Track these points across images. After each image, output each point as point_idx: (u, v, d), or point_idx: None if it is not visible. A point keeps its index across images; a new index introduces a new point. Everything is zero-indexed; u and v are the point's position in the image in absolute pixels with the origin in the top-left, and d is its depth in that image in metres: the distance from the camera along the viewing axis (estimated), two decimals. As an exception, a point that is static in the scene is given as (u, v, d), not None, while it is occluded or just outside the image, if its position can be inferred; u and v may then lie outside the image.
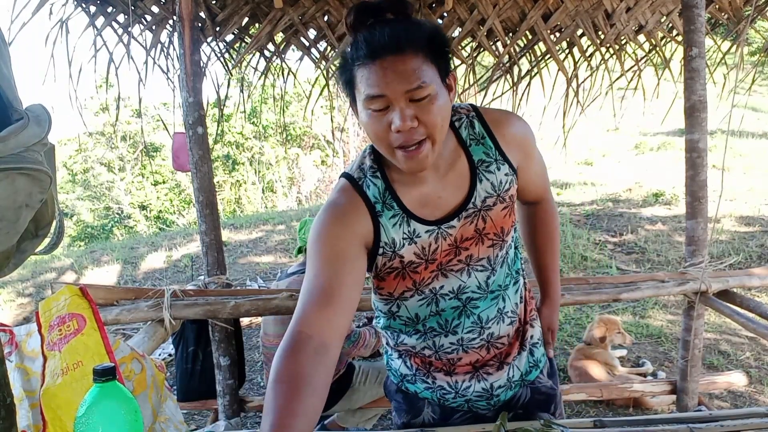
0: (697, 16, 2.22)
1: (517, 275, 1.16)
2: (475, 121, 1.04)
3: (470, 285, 1.08)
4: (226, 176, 15.01)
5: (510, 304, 1.13)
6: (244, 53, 2.82)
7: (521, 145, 1.07)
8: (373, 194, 1.01)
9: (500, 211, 1.05)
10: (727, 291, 2.26)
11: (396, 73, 0.86)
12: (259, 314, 2.16)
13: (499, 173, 1.04)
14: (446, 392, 1.18)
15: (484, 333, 1.11)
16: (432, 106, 0.88)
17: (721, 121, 1.99)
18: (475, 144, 1.03)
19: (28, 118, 0.64)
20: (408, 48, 0.86)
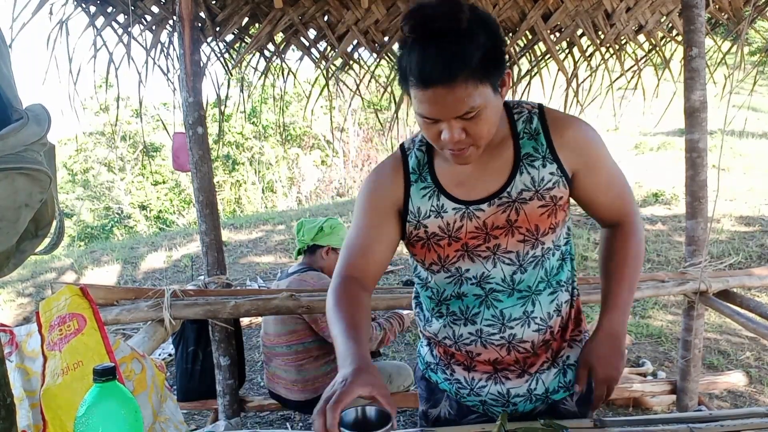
0: (697, 16, 2.22)
1: (558, 286, 1.10)
2: (535, 117, 1.05)
3: (495, 276, 1.08)
4: (226, 176, 15.01)
5: (541, 311, 1.09)
6: (244, 53, 2.82)
7: (580, 151, 1.03)
8: (412, 165, 1.10)
9: (536, 208, 1.03)
10: (727, 291, 2.26)
11: (446, 104, 0.89)
12: (259, 314, 2.16)
13: (544, 170, 1.03)
14: (462, 387, 1.18)
15: (505, 331, 1.09)
16: (480, 120, 0.92)
17: (728, 124, 1.99)
18: (527, 138, 1.04)
19: (28, 118, 0.64)
20: (459, 76, 0.86)
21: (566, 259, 1.13)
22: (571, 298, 1.15)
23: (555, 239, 1.08)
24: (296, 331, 2.19)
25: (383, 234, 1.10)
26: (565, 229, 1.12)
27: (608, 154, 1.07)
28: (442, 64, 0.86)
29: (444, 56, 0.86)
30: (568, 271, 1.13)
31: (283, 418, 2.91)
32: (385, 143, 12.28)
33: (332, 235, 2.28)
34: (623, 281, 1.11)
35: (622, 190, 1.11)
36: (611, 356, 1.08)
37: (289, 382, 2.24)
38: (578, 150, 1.03)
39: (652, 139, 10.39)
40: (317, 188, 14.77)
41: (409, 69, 0.90)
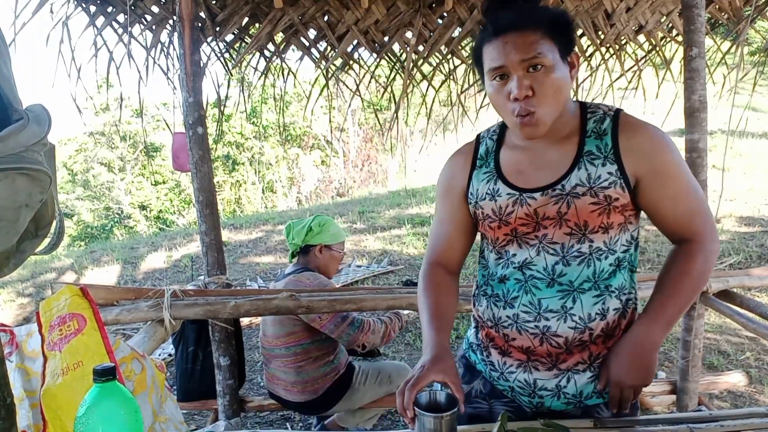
0: (697, 16, 2.22)
1: (607, 291, 1.08)
2: (608, 118, 1.07)
3: (537, 264, 1.10)
4: (226, 176, 15.02)
5: (581, 309, 1.08)
6: (244, 53, 2.82)
7: (647, 158, 1.03)
8: (482, 152, 1.18)
9: (588, 204, 1.03)
10: (727, 291, 2.26)
11: (515, 45, 0.98)
12: (259, 314, 2.15)
13: (602, 169, 1.04)
14: (494, 370, 1.21)
15: (540, 321, 1.10)
16: (547, 78, 0.98)
17: (732, 124, 1.99)
18: (594, 137, 1.06)
19: (28, 118, 0.64)
20: (529, 25, 0.98)
21: (623, 267, 1.10)
22: (623, 308, 1.12)
23: (608, 241, 1.06)
24: (294, 332, 2.19)
25: (459, 221, 1.21)
26: (627, 237, 1.09)
27: (682, 168, 1.05)
28: (515, 16, 0.99)
29: (517, 11, 1.00)
30: (624, 279, 1.10)
31: (283, 418, 2.91)
32: (385, 143, 12.30)
33: (322, 233, 2.28)
34: (674, 297, 1.06)
35: (695, 207, 1.07)
36: (632, 363, 1.05)
37: (288, 384, 2.24)
38: (645, 156, 1.03)
39: (652, 139, 10.38)
40: (317, 188, 14.78)
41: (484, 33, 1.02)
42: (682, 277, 1.07)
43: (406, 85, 3.00)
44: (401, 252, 5.97)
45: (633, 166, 1.04)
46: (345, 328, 2.12)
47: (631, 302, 1.14)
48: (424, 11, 2.66)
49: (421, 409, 0.94)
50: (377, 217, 7.51)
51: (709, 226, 1.09)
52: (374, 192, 11.41)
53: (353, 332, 2.13)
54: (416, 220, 7.09)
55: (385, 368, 2.42)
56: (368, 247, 6.20)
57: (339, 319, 2.12)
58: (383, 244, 6.26)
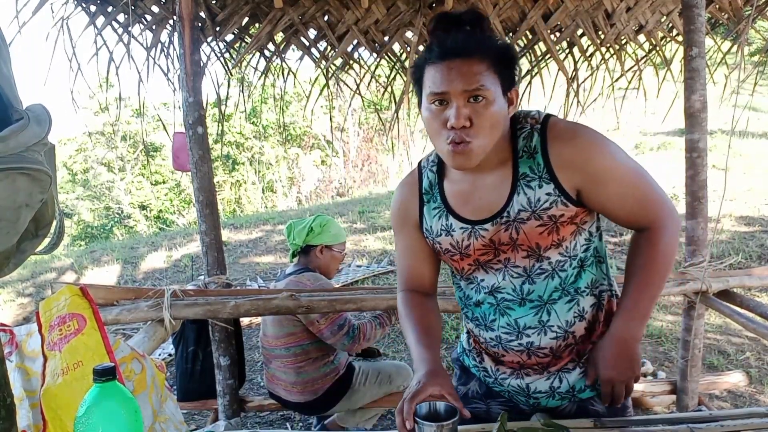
0: (697, 16, 2.22)
1: (577, 294, 1.10)
2: (536, 134, 1.04)
3: (505, 287, 1.12)
4: (226, 176, 15.02)
5: (558, 319, 1.10)
6: (244, 53, 2.82)
7: (581, 169, 1.02)
8: (425, 186, 1.17)
9: (534, 228, 1.04)
10: (727, 291, 2.26)
11: (460, 73, 0.96)
12: (259, 314, 2.15)
13: (540, 191, 1.03)
14: (488, 376, 1.24)
15: (522, 338, 1.13)
16: (486, 110, 0.97)
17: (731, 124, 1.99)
18: (526, 157, 1.05)
19: (29, 118, 0.64)
20: (476, 54, 0.96)
21: (588, 264, 1.11)
22: (598, 301, 1.14)
23: (565, 252, 1.08)
24: (294, 333, 2.19)
25: (420, 251, 1.21)
26: (584, 236, 1.09)
27: (619, 164, 1.04)
28: (464, 42, 0.97)
29: (465, 37, 0.98)
30: (591, 274, 1.12)
31: (283, 418, 2.91)
32: (385, 143, 12.25)
33: (323, 233, 2.28)
34: (646, 288, 1.09)
35: (643, 196, 1.07)
36: (617, 360, 1.08)
37: (288, 384, 2.24)
38: (578, 168, 1.02)
39: (652, 139, 10.39)
40: (317, 188, 14.78)
41: (428, 54, 0.99)
42: (648, 266, 1.09)
43: (407, 85, 3.00)
44: (401, 252, 5.96)
45: (570, 180, 1.02)
46: (341, 338, 2.14)
47: (606, 292, 1.16)
48: (424, 11, 2.65)
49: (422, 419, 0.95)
50: (377, 217, 7.51)
51: (665, 208, 1.08)
52: (374, 192, 11.41)
53: (348, 342, 2.15)
54: (416, 220, 7.08)
55: (385, 368, 2.42)
56: (368, 247, 6.20)
57: (336, 328, 2.13)
58: (383, 244, 6.26)
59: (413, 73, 1.05)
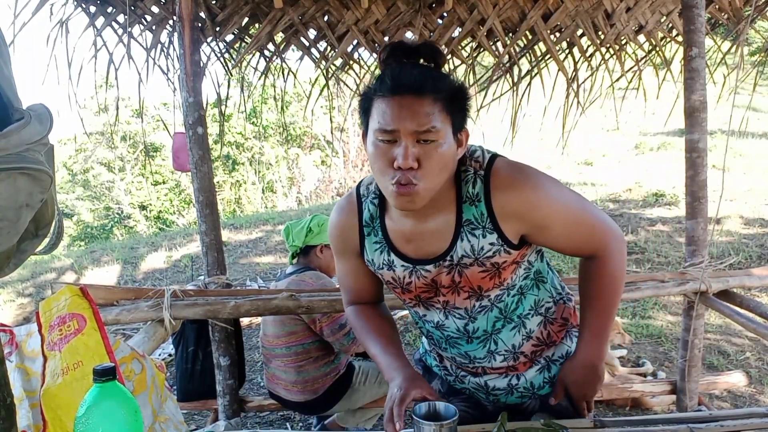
0: (697, 16, 2.21)
1: (520, 319, 1.13)
2: (479, 181, 1.02)
3: (449, 326, 1.14)
4: (226, 176, 15.02)
5: (504, 344, 1.15)
6: (244, 53, 2.82)
7: (523, 217, 1.01)
8: (366, 216, 1.13)
9: (477, 273, 1.05)
10: (727, 291, 2.26)
11: (411, 112, 0.90)
12: (259, 314, 2.15)
13: (483, 240, 1.02)
14: (448, 374, 1.28)
15: (475, 363, 1.18)
16: (435, 152, 0.93)
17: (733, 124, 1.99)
18: (469, 204, 1.03)
19: (30, 117, 0.64)
20: (429, 93, 0.91)
21: (528, 289, 1.13)
22: (545, 318, 1.17)
23: (504, 286, 1.09)
24: (295, 332, 2.19)
25: (363, 273, 1.20)
26: (524, 266, 1.10)
27: (562, 206, 1.03)
28: (417, 77, 0.92)
29: (418, 73, 0.93)
30: (533, 296, 1.14)
31: (283, 418, 2.91)
32: (385, 143, 12.20)
33: (322, 232, 2.28)
34: (599, 312, 1.13)
35: (587, 230, 1.07)
36: (586, 382, 1.15)
37: (288, 383, 2.24)
38: (522, 216, 1.01)
39: (652, 139, 10.39)
40: (317, 188, 14.77)
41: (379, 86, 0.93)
42: (601, 293, 1.12)
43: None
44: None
45: (513, 229, 1.03)
46: (341, 337, 2.14)
47: (553, 308, 1.18)
48: (424, 11, 2.65)
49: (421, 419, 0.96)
50: (377, 217, 7.50)
51: (609, 234, 1.08)
52: (374, 192, 11.37)
53: (347, 342, 2.15)
54: (416, 220, 7.08)
55: (385, 368, 2.42)
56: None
57: (337, 327, 2.13)
58: (383, 244, 6.25)
59: (361, 103, 0.99)
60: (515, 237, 1.03)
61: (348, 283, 1.24)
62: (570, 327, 1.23)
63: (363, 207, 1.13)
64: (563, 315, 1.20)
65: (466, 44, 3.06)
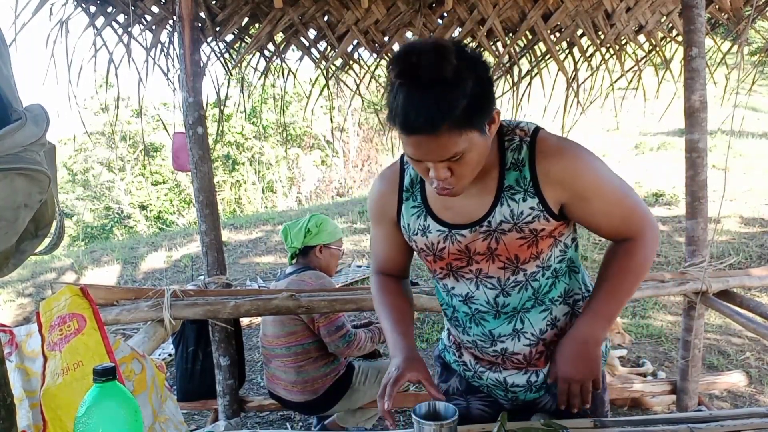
0: (697, 16, 2.22)
1: (552, 303, 1.13)
2: (524, 146, 1.03)
3: (479, 298, 1.13)
4: (226, 176, 15.02)
5: (531, 327, 1.13)
6: (244, 53, 2.82)
7: (567, 184, 1.02)
8: (406, 183, 1.15)
9: (515, 240, 1.05)
10: (727, 291, 2.26)
11: (429, 150, 0.91)
12: (259, 314, 2.16)
13: (524, 204, 1.03)
14: (467, 369, 1.27)
15: (496, 345, 1.16)
16: (465, 162, 0.94)
17: (723, 123, 1.99)
18: (513, 169, 1.04)
19: (26, 118, 0.64)
20: (442, 126, 0.87)
21: (562, 274, 1.13)
22: (572, 309, 1.16)
23: (541, 263, 1.09)
24: (295, 332, 2.19)
25: (396, 243, 1.22)
26: (560, 248, 1.11)
27: (606, 181, 1.04)
28: (425, 114, 0.87)
29: (427, 106, 0.87)
30: (565, 284, 1.14)
31: (283, 418, 2.91)
32: (385, 143, 12.22)
33: (320, 232, 2.28)
34: (615, 293, 1.10)
35: (628, 212, 1.07)
36: (576, 358, 1.09)
37: (288, 383, 2.24)
38: (565, 184, 1.02)
39: (652, 139, 10.39)
40: (317, 188, 14.77)
41: (395, 113, 0.91)
42: (622, 274, 1.10)
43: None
44: (401, 252, 5.96)
45: (555, 195, 1.03)
46: (337, 339, 2.14)
47: (580, 300, 1.18)
48: (424, 11, 2.65)
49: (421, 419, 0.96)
50: (377, 217, 7.50)
51: (648, 223, 1.08)
52: (374, 192, 11.37)
53: (342, 345, 2.15)
54: (416, 220, 7.08)
55: (384, 368, 2.42)
56: (368, 248, 6.20)
57: (334, 328, 2.13)
58: (383, 244, 6.25)
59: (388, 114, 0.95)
60: (556, 205, 1.03)
61: (378, 251, 1.26)
62: None
63: (405, 174, 1.15)
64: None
65: (466, 44, 3.05)
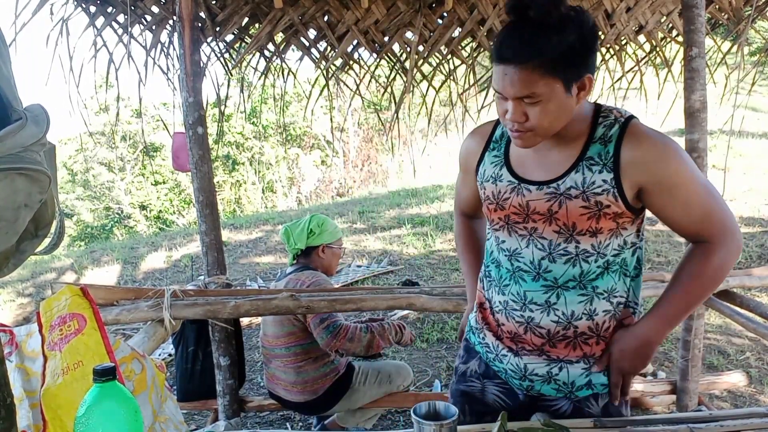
0: (697, 16, 2.21)
1: (594, 293, 1.11)
2: (617, 125, 1.06)
3: (525, 256, 1.14)
4: (226, 176, 15.02)
5: (565, 306, 1.12)
6: (244, 53, 2.82)
7: (650, 169, 1.02)
8: (497, 135, 1.23)
9: (578, 207, 1.06)
10: (727, 291, 2.26)
11: (512, 81, 0.98)
12: (259, 314, 2.15)
13: (598, 176, 1.05)
14: (489, 351, 1.27)
15: (525, 311, 1.15)
16: (539, 109, 0.99)
17: (725, 124, 1.99)
18: (599, 143, 1.07)
19: (26, 118, 0.64)
20: (529, 61, 0.95)
21: (613, 270, 1.12)
22: (613, 310, 1.14)
23: (596, 244, 1.08)
24: (294, 332, 2.19)
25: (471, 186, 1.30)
26: (619, 241, 1.10)
27: (691, 174, 1.04)
28: (519, 46, 0.96)
29: (523, 40, 0.96)
30: (614, 282, 1.12)
31: (283, 418, 2.91)
32: (385, 143, 12.24)
33: (322, 233, 2.27)
34: (685, 295, 1.09)
35: (709, 210, 1.06)
36: (635, 355, 1.11)
37: (288, 384, 2.24)
38: (647, 168, 1.02)
39: (652, 139, 10.37)
40: (317, 188, 14.77)
41: (495, 43, 1.01)
42: (694, 278, 1.09)
43: (409, 86, 3.00)
44: (401, 252, 5.96)
45: (632, 177, 1.03)
46: (321, 331, 2.08)
47: (623, 305, 1.15)
48: (424, 11, 2.65)
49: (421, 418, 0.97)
50: (377, 217, 7.51)
51: (728, 226, 1.07)
52: (374, 192, 11.40)
53: (326, 336, 2.07)
54: (416, 220, 7.08)
55: (384, 368, 2.42)
56: (368, 247, 6.20)
57: (318, 320, 2.08)
58: (383, 244, 6.25)
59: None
60: (632, 188, 1.04)
61: (459, 190, 1.39)
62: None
63: (498, 128, 1.23)
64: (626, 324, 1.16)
65: (466, 44, 3.06)
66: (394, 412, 2.88)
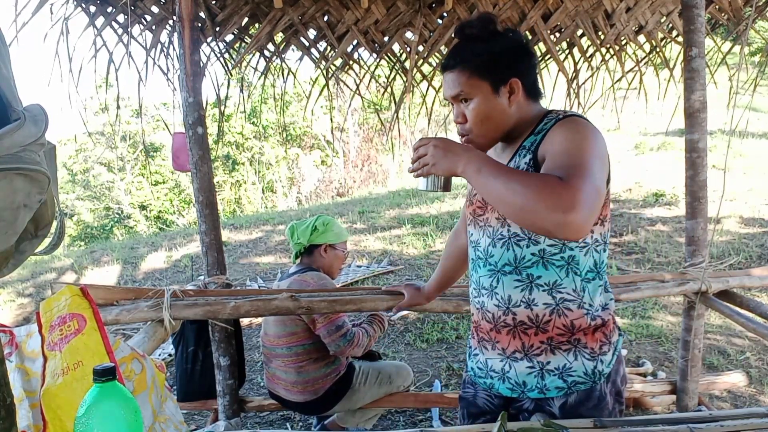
0: (697, 17, 2.21)
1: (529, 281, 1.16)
2: (554, 120, 1.14)
3: (480, 245, 1.25)
4: (226, 176, 15.03)
5: (503, 290, 1.20)
6: (244, 53, 2.82)
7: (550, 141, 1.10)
8: None
9: None
10: (727, 291, 2.26)
11: (447, 84, 1.18)
12: (259, 315, 2.15)
13: (522, 159, 1.15)
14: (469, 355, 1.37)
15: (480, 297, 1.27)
16: (473, 109, 1.15)
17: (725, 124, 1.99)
18: (534, 135, 1.16)
19: (25, 118, 0.64)
20: (456, 66, 1.15)
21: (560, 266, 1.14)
22: (555, 305, 1.15)
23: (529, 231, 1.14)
24: (296, 332, 2.19)
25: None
26: None
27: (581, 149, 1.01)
28: (454, 56, 1.16)
29: (458, 51, 1.16)
30: (560, 279, 1.15)
31: (283, 418, 2.91)
32: (385, 143, 12.23)
33: (327, 232, 2.28)
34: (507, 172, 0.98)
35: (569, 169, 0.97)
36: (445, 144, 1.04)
37: (288, 384, 2.24)
38: (549, 140, 1.10)
39: (652, 139, 10.39)
40: (317, 188, 14.78)
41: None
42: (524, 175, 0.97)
43: (409, 86, 3.00)
44: (401, 252, 5.96)
45: (541, 152, 1.11)
46: (337, 338, 2.13)
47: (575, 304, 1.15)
48: (424, 11, 2.65)
49: None
50: (377, 217, 7.51)
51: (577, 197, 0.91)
52: (374, 192, 11.40)
53: (343, 344, 2.13)
54: (416, 220, 7.09)
55: (385, 368, 2.42)
56: (368, 247, 6.20)
57: (334, 328, 2.12)
58: (383, 244, 6.26)
59: None
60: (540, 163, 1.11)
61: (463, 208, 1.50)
62: (578, 344, 1.17)
63: None
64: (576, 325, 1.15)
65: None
66: (394, 412, 2.88)
